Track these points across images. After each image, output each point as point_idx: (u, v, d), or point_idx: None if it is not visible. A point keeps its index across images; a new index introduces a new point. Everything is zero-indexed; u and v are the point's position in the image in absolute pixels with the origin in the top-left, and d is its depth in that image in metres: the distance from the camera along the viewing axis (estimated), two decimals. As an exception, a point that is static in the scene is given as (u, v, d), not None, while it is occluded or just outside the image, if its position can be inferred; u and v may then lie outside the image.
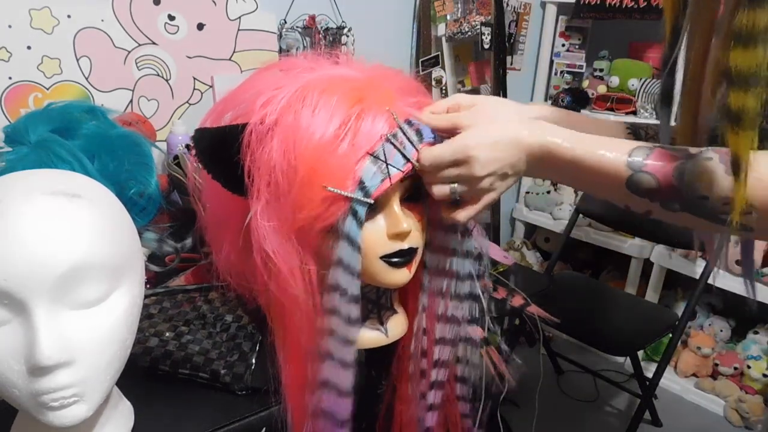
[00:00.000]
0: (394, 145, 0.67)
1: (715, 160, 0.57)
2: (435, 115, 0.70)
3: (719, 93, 0.57)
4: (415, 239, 0.73)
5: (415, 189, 0.72)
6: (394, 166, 0.67)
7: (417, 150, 0.68)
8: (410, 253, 0.72)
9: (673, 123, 0.74)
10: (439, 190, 0.68)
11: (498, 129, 0.65)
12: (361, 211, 0.67)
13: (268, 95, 0.68)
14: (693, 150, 0.59)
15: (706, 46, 0.67)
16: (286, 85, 0.69)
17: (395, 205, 0.70)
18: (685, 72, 0.70)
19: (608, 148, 0.62)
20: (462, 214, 0.69)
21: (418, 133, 0.69)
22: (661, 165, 0.59)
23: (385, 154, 0.67)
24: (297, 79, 0.70)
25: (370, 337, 0.81)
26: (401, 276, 0.73)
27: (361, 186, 0.66)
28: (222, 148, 0.67)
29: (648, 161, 0.59)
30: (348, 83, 0.69)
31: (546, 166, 0.65)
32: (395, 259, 0.71)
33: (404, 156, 0.68)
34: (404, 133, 0.67)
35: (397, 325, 0.83)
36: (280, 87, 0.69)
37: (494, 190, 0.66)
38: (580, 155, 0.62)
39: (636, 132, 0.81)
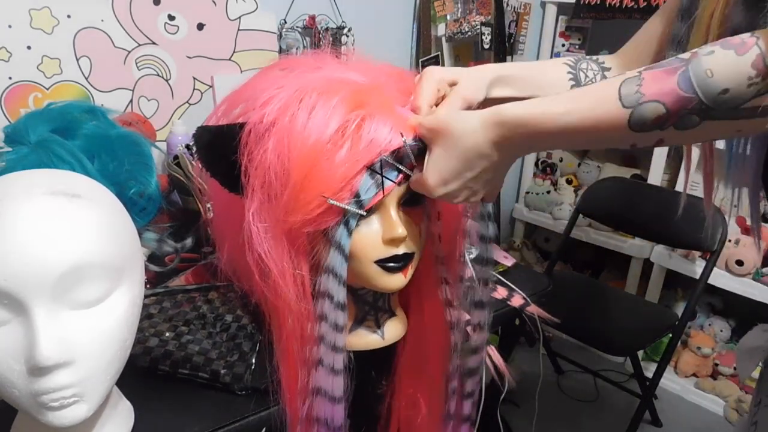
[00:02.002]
0: (391, 162, 0.66)
1: (718, 50, 0.50)
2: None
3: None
4: (412, 244, 0.72)
5: (413, 193, 0.72)
6: (388, 178, 0.66)
7: (412, 160, 0.67)
8: (406, 258, 0.71)
9: None
10: None
11: (451, 156, 0.61)
12: (353, 221, 0.67)
13: (268, 94, 0.67)
14: (684, 55, 0.52)
15: None
16: (286, 85, 0.68)
17: (392, 209, 0.69)
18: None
19: (592, 98, 0.54)
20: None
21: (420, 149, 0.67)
22: (662, 85, 0.51)
23: (381, 168, 0.66)
24: (298, 78, 0.69)
25: (366, 339, 0.80)
26: (396, 281, 0.72)
27: (357, 198, 0.65)
28: (220, 146, 0.67)
29: (644, 90, 0.52)
30: (348, 86, 0.68)
31: (532, 147, 0.60)
32: (390, 264, 0.70)
33: (399, 169, 0.67)
34: (406, 147, 0.66)
35: (394, 328, 0.82)
36: (282, 86, 0.68)
37: (477, 194, 0.64)
38: (564, 122, 0.55)
39: (577, 78, 0.77)
